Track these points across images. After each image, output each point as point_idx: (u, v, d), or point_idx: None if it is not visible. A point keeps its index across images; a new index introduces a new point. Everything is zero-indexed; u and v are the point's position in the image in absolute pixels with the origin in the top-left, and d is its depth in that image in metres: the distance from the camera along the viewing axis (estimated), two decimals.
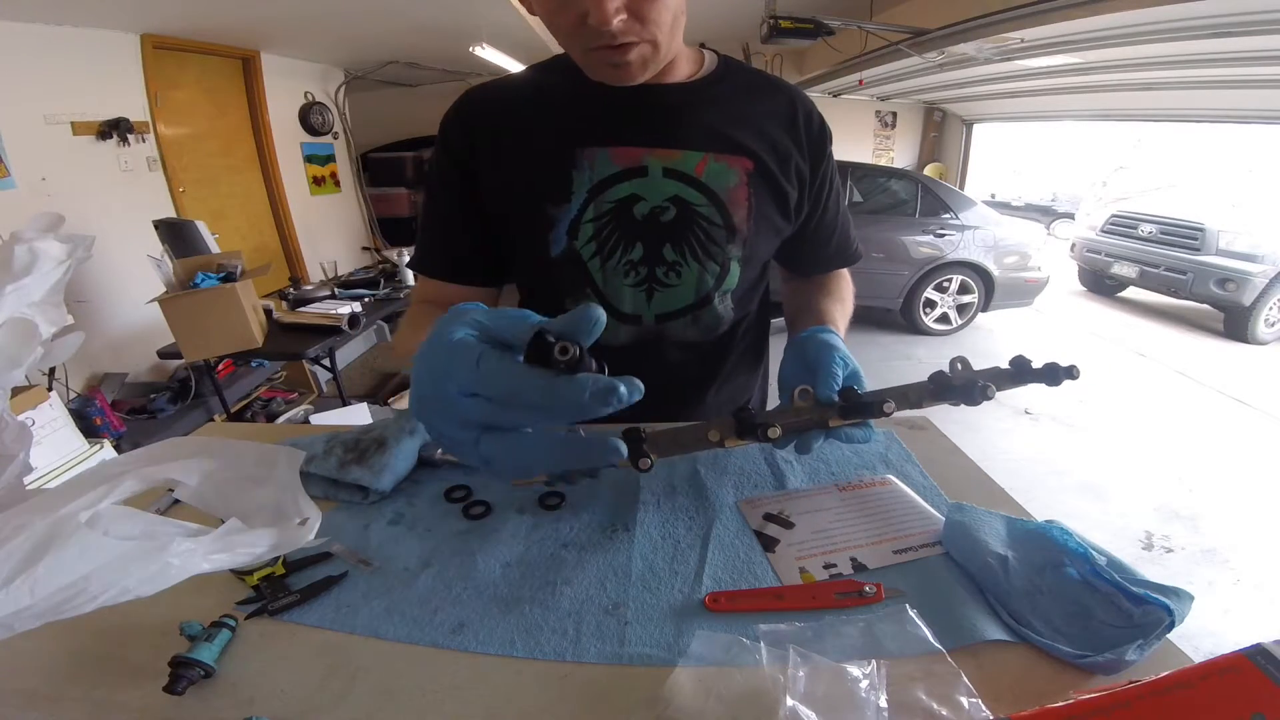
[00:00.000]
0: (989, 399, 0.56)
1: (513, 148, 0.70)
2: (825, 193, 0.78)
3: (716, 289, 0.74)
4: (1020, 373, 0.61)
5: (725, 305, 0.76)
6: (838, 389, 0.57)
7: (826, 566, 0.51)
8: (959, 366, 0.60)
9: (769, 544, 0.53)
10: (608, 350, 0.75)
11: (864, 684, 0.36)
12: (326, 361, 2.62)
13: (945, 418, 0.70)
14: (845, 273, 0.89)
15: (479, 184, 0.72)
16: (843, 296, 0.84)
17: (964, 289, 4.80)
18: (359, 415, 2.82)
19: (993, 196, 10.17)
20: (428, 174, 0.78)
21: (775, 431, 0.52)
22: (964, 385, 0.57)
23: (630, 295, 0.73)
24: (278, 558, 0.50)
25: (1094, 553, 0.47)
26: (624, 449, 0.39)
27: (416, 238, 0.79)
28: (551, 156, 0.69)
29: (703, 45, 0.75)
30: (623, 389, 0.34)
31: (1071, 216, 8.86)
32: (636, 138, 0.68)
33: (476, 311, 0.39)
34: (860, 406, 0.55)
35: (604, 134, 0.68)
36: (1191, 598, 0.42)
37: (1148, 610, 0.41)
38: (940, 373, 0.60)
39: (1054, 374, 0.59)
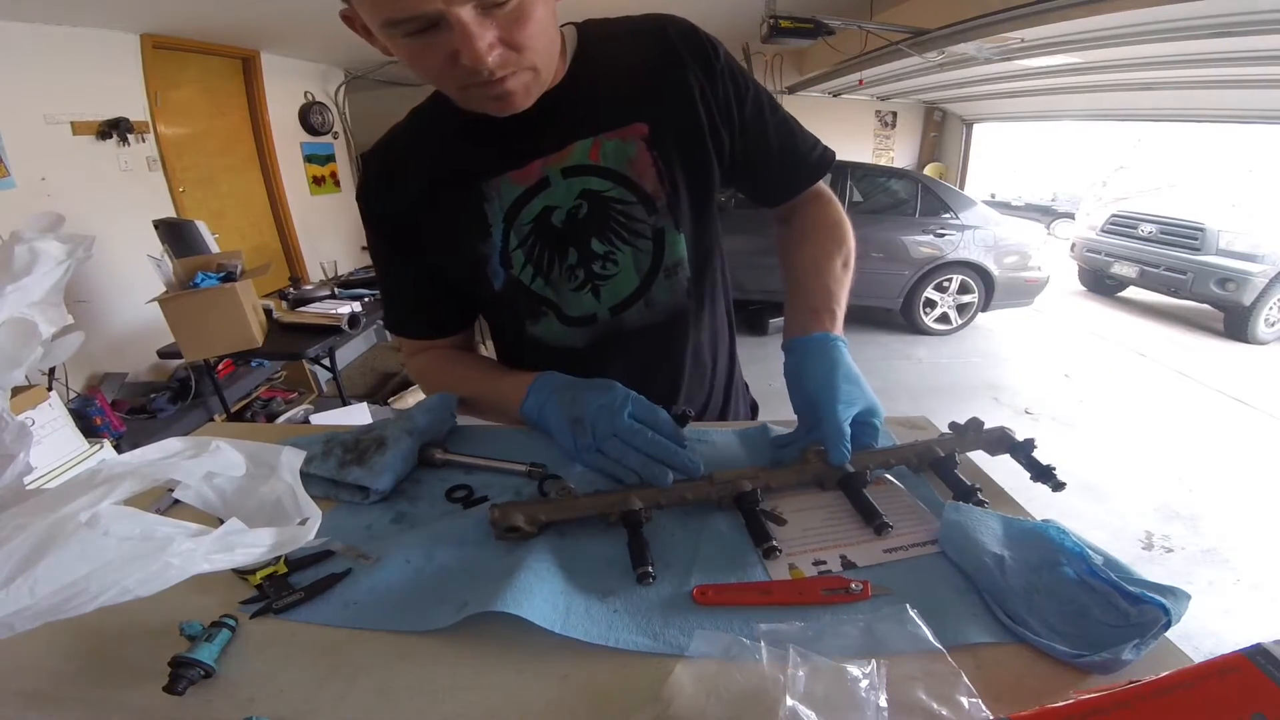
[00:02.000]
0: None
1: (426, 201, 0.70)
2: (736, 104, 0.71)
3: (659, 263, 0.72)
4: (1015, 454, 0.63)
5: (675, 279, 0.74)
6: (849, 457, 0.58)
7: (816, 564, 0.51)
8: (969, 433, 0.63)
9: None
10: (572, 352, 0.75)
11: (864, 684, 0.36)
12: (326, 361, 2.62)
13: (943, 417, 0.70)
14: (830, 205, 0.81)
15: (413, 243, 0.73)
16: (834, 243, 0.76)
17: (964, 289, 4.79)
18: (359, 415, 2.83)
19: (993, 196, 10.15)
20: (369, 247, 0.79)
21: (780, 566, 0.51)
22: (962, 491, 0.58)
23: (579, 298, 0.73)
24: (279, 557, 0.50)
25: (1090, 552, 0.47)
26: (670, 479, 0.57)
27: (382, 303, 0.83)
28: (462, 198, 0.69)
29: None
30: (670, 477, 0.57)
31: (1071, 216, 8.85)
32: (528, 153, 0.67)
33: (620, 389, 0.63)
34: (859, 496, 0.56)
35: (500, 161, 0.68)
36: (1188, 596, 0.42)
37: (1144, 609, 0.41)
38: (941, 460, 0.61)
39: (1045, 474, 0.60)
